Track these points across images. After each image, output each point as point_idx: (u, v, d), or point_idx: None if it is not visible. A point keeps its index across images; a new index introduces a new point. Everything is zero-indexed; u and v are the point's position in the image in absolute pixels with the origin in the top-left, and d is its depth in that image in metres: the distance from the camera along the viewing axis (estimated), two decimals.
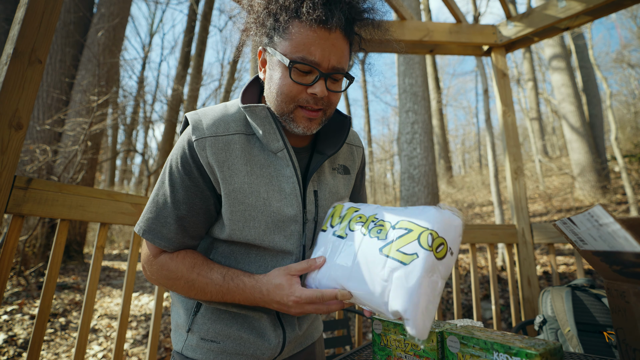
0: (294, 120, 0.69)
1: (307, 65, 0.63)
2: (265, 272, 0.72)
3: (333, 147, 0.76)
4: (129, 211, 1.30)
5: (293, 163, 0.71)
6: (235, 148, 0.68)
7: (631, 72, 15.62)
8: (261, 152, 0.71)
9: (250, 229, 0.69)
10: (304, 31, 0.62)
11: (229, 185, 0.67)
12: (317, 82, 0.64)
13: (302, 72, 0.65)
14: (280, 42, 0.65)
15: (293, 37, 0.63)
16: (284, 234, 0.71)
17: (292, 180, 0.71)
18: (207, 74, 17.51)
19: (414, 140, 5.05)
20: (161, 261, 0.70)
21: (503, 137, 2.19)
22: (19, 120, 1.03)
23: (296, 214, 0.71)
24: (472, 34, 2.23)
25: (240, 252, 0.73)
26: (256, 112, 0.69)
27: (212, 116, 0.70)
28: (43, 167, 4.44)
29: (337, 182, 0.81)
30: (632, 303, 0.55)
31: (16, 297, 3.31)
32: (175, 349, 0.77)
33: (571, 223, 0.61)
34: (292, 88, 0.65)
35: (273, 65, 0.67)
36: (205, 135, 0.67)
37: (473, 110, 28.80)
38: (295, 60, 0.63)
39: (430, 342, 0.61)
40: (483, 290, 3.67)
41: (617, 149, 6.65)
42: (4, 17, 4.88)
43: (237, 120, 0.72)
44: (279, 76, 0.66)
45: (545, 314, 1.38)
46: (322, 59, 0.63)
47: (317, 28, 0.62)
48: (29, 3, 1.06)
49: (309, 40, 0.62)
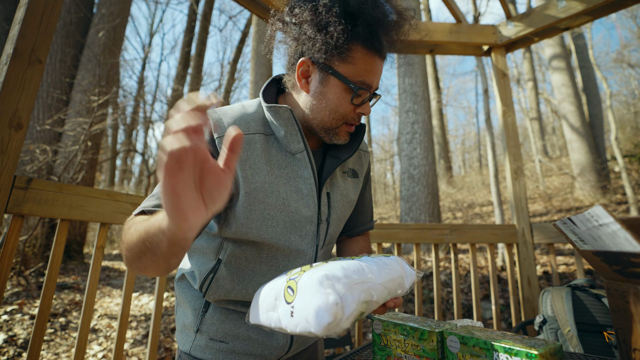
0: (337, 134, 0.73)
1: (365, 90, 0.69)
2: (277, 271, 0.73)
3: (347, 151, 0.78)
4: (129, 211, 1.30)
5: (312, 165, 0.73)
6: (255, 147, 0.69)
7: (631, 72, 15.62)
8: (279, 152, 0.73)
9: (267, 227, 0.70)
10: (366, 58, 0.67)
11: (250, 184, 0.68)
12: (365, 104, 0.71)
13: (359, 96, 0.69)
14: (340, 63, 0.67)
15: (356, 62, 0.67)
16: (300, 234, 0.73)
17: (309, 181, 0.73)
18: (207, 74, 17.51)
19: (414, 140, 5.05)
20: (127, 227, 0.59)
21: (503, 137, 2.19)
22: (19, 120, 1.03)
23: (312, 214, 0.73)
24: (472, 34, 2.23)
25: (251, 252, 0.73)
26: (280, 112, 0.71)
27: (231, 115, 0.71)
28: (43, 167, 4.44)
29: (347, 186, 0.83)
30: (632, 303, 0.55)
31: (16, 297, 3.31)
32: (183, 350, 0.76)
33: (571, 223, 0.61)
34: (347, 108, 0.70)
35: (326, 83, 0.69)
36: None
37: (473, 110, 28.80)
38: (358, 85, 0.68)
39: (430, 342, 0.61)
40: (483, 290, 3.67)
41: (617, 149, 6.65)
42: (4, 17, 4.88)
43: (256, 120, 0.73)
44: (335, 96, 0.69)
45: (545, 314, 1.38)
46: (373, 83, 0.70)
47: (376, 56, 0.68)
48: (29, 3, 1.06)
49: (369, 67, 0.68)
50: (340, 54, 0.66)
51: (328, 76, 0.69)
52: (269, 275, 0.74)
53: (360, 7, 0.64)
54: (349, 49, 0.66)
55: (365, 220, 0.96)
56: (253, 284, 0.73)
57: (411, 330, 0.64)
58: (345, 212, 0.84)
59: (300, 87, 0.72)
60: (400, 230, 1.89)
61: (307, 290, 0.48)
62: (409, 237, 1.89)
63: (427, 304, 3.48)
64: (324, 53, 0.67)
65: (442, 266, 4.27)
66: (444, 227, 1.93)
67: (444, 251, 4.70)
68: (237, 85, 15.56)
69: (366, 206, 0.96)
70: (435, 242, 1.89)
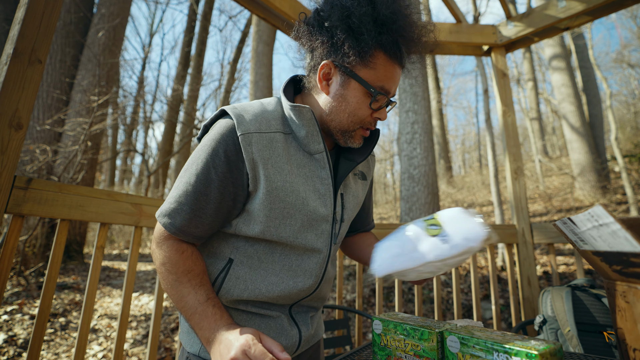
0: (353, 137, 0.76)
1: (385, 95, 0.72)
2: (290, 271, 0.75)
3: (362, 155, 0.82)
4: (129, 211, 1.30)
5: (329, 166, 0.76)
6: (277, 146, 0.71)
7: (631, 72, 15.61)
8: (297, 151, 0.74)
9: (286, 226, 0.72)
10: (387, 65, 0.70)
11: (272, 182, 0.69)
12: (383, 109, 0.75)
13: (377, 101, 0.72)
14: (362, 68, 0.70)
15: (378, 68, 0.70)
16: (316, 233, 0.75)
17: (327, 182, 0.75)
18: (207, 74, 17.50)
19: (414, 140, 5.05)
20: (168, 247, 0.71)
21: (503, 137, 2.19)
22: (19, 120, 1.03)
23: (328, 214, 0.76)
24: (472, 34, 2.23)
25: (264, 252, 0.74)
26: (303, 112, 0.72)
27: (252, 112, 0.72)
28: (43, 167, 4.44)
29: (358, 187, 0.86)
30: (632, 303, 0.55)
31: (16, 297, 3.31)
32: (191, 352, 0.75)
33: (571, 223, 0.61)
34: (365, 112, 0.73)
35: (347, 86, 0.72)
36: (250, 131, 0.68)
37: (473, 110, 28.81)
38: (378, 90, 0.71)
39: (430, 342, 0.61)
40: (483, 290, 3.67)
41: (617, 149, 6.65)
42: (4, 17, 4.88)
43: (276, 119, 0.74)
44: (355, 99, 0.72)
45: (545, 314, 1.37)
46: (392, 90, 0.73)
47: (396, 65, 0.71)
48: (29, 3, 1.06)
49: (390, 74, 0.71)
50: (363, 59, 0.69)
51: (349, 79, 0.71)
52: (282, 275, 0.74)
53: (388, 17, 0.67)
54: (372, 55, 0.69)
55: (369, 220, 1.03)
56: (265, 283, 0.73)
57: (411, 330, 0.64)
58: (355, 212, 0.87)
59: (321, 89, 0.75)
60: None
61: (455, 219, 0.65)
62: None
63: (427, 304, 3.48)
64: (348, 57, 0.69)
65: None
66: None
67: None
68: (237, 85, 15.55)
69: (369, 207, 1.02)
70: None
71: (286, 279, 0.74)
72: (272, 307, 0.75)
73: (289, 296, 0.74)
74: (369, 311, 3.48)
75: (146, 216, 1.34)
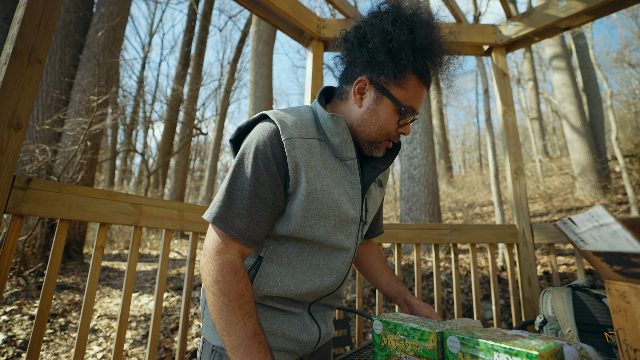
0: (378, 148, 0.83)
1: (412, 114, 0.79)
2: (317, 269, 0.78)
3: (385, 163, 0.89)
4: (129, 211, 1.29)
5: (359, 172, 0.82)
6: (315, 151, 0.76)
7: (632, 72, 15.61)
8: (330, 157, 0.80)
9: (320, 226, 0.76)
10: (417, 87, 0.78)
11: (312, 185, 0.74)
12: (408, 125, 0.82)
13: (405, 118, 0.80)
14: (395, 87, 0.77)
15: (409, 89, 0.77)
16: (346, 233, 0.80)
17: (357, 186, 0.82)
18: (207, 74, 17.51)
19: (414, 140, 5.05)
20: (222, 264, 0.70)
21: (503, 137, 2.19)
22: (18, 120, 1.02)
23: (357, 216, 0.82)
24: (472, 33, 2.23)
25: (293, 250, 0.78)
26: (339, 122, 0.79)
27: (292, 119, 0.77)
28: (42, 167, 4.44)
29: (377, 193, 0.93)
30: (632, 303, 0.55)
31: (15, 298, 3.31)
32: (218, 345, 0.77)
33: (572, 223, 0.61)
34: (393, 127, 0.80)
35: (380, 102, 0.79)
36: (293, 136, 0.73)
37: (473, 110, 28.80)
38: (407, 110, 0.78)
39: (431, 343, 0.61)
40: (483, 290, 3.66)
41: (618, 149, 6.64)
42: (4, 16, 4.88)
43: (312, 126, 0.80)
44: (386, 116, 0.79)
45: (545, 314, 1.37)
46: (418, 109, 0.80)
47: (425, 87, 0.79)
48: (28, 3, 1.06)
49: (418, 95, 0.79)
50: (398, 80, 0.76)
51: (382, 97, 0.78)
52: (309, 273, 0.78)
53: (426, 45, 0.74)
54: (405, 77, 0.76)
55: (380, 224, 1.10)
56: (294, 281, 0.76)
57: (411, 331, 0.64)
58: (373, 216, 0.94)
59: (355, 102, 0.81)
60: (400, 230, 1.89)
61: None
62: (409, 237, 1.88)
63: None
64: (384, 76, 0.77)
65: (442, 266, 4.27)
66: (444, 227, 1.93)
67: (444, 251, 4.70)
68: (237, 85, 15.55)
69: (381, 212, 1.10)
70: (435, 242, 1.89)
71: (313, 277, 0.78)
72: (295, 304, 0.78)
73: (314, 294, 0.79)
74: (369, 311, 3.48)
75: (146, 216, 1.34)
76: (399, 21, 0.75)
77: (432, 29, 0.76)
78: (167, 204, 1.43)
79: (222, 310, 0.68)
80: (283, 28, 2.05)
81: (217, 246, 0.71)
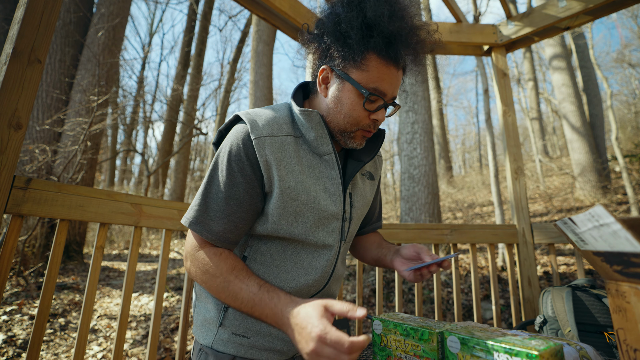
0: (353, 138, 0.79)
1: (378, 96, 0.73)
2: (301, 268, 0.78)
3: (368, 155, 0.86)
4: (129, 211, 1.29)
5: (338, 166, 0.79)
6: (288, 148, 0.75)
7: (632, 72, 15.61)
8: (307, 153, 0.78)
9: (299, 224, 0.75)
10: (380, 66, 0.71)
11: (285, 182, 0.73)
12: (380, 111, 0.76)
13: (371, 102, 0.74)
14: (354, 70, 0.72)
15: (370, 69, 0.71)
16: (327, 230, 0.79)
17: (336, 181, 0.79)
18: (207, 74, 17.51)
19: (414, 140, 5.05)
20: (204, 254, 0.72)
21: (503, 137, 2.19)
22: (18, 120, 1.02)
23: (338, 212, 0.79)
24: (472, 33, 2.23)
25: (276, 249, 0.78)
26: (311, 116, 0.76)
27: (264, 117, 0.76)
28: (42, 167, 4.44)
29: (366, 187, 0.90)
30: (632, 303, 0.55)
31: (15, 298, 3.31)
32: (204, 344, 0.78)
33: (572, 223, 0.61)
34: (361, 114, 0.75)
35: (342, 89, 0.75)
36: (263, 135, 0.72)
37: (473, 110, 28.82)
38: (371, 92, 0.72)
39: (431, 343, 0.61)
40: (483, 290, 3.66)
41: (618, 149, 6.64)
42: (4, 16, 4.88)
43: (287, 123, 0.78)
44: (350, 102, 0.74)
45: (545, 314, 1.37)
46: (388, 91, 0.74)
47: (391, 65, 0.72)
48: (28, 3, 1.06)
49: (383, 75, 0.72)
50: (355, 62, 0.71)
51: (344, 82, 0.75)
52: (293, 272, 0.77)
53: (376, 19, 0.69)
54: (364, 58, 0.71)
55: (377, 219, 1.06)
56: (278, 280, 0.76)
57: (411, 331, 0.64)
58: (363, 212, 0.90)
59: (321, 92, 0.79)
60: (400, 230, 1.89)
61: None
62: (409, 237, 1.88)
63: (427, 304, 3.48)
64: (342, 61, 0.73)
65: None
66: (444, 227, 1.93)
67: (444, 251, 4.70)
68: (237, 85, 15.55)
69: (377, 206, 1.05)
70: (435, 242, 1.89)
71: (297, 276, 0.77)
72: None
73: (299, 293, 0.78)
74: (369, 311, 3.48)
75: (146, 216, 1.34)
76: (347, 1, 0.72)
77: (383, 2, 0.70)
78: (167, 204, 1.43)
79: (223, 289, 0.69)
80: (283, 28, 2.04)
81: (195, 246, 0.74)
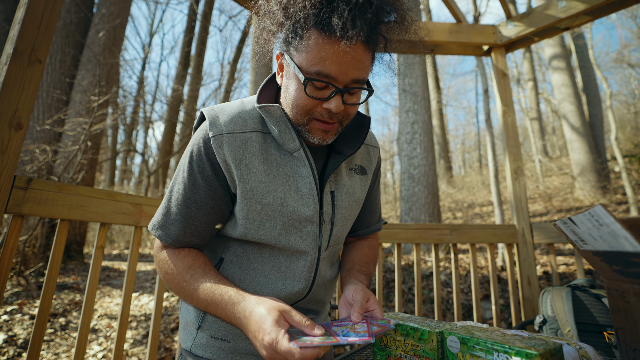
0: (310, 132, 0.67)
1: (322, 81, 0.60)
2: (279, 272, 0.72)
3: (351, 147, 0.74)
4: (129, 211, 1.29)
5: (310, 163, 0.70)
6: (252, 146, 0.67)
7: (631, 72, 15.61)
8: (277, 151, 0.70)
9: (266, 228, 0.69)
10: (321, 43, 0.58)
11: (246, 184, 0.66)
12: (332, 98, 0.62)
13: (318, 87, 0.62)
14: (296, 52, 0.61)
15: (309, 49, 0.59)
16: (300, 235, 0.70)
17: (309, 180, 0.70)
18: (207, 74, 17.51)
19: (414, 140, 5.05)
20: (164, 255, 0.71)
21: (503, 137, 2.19)
22: (18, 120, 1.03)
23: (313, 214, 0.70)
24: (472, 34, 2.23)
25: (253, 252, 0.73)
26: (271, 111, 0.68)
27: (229, 112, 0.69)
28: (43, 167, 4.44)
29: (354, 183, 0.79)
30: (632, 303, 0.55)
31: (16, 297, 3.31)
32: (184, 347, 0.76)
33: (571, 223, 0.61)
34: (307, 102, 0.63)
35: (289, 75, 0.65)
36: (222, 132, 0.66)
37: (473, 110, 28.82)
38: (310, 76, 0.59)
39: (430, 342, 0.61)
40: (483, 290, 3.67)
41: (617, 149, 6.64)
42: (4, 17, 4.88)
43: (254, 118, 0.70)
44: (294, 88, 0.64)
45: (545, 314, 1.37)
46: (338, 73, 0.59)
47: (337, 40, 0.57)
48: (28, 3, 1.06)
49: (325, 54, 0.58)
50: (298, 43, 0.60)
51: (289, 67, 0.64)
52: (271, 276, 0.72)
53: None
54: (303, 37, 0.59)
55: (372, 220, 0.91)
56: (254, 284, 0.73)
57: (411, 331, 0.64)
58: (352, 211, 0.79)
59: (280, 83, 0.70)
60: (400, 230, 1.89)
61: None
62: (409, 237, 1.89)
63: (427, 304, 3.48)
64: (287, 43, 0.62)
65: (442, 266, 4.27)
66: (444, 227, 1.93)
67: (444, 251, 4.70)
68: (237, 85, 15.56)
69: (374, 205, 0.91)
70: (435, 242, 1.89)
71: (275, 280, 0.72)
72: None
73: (282, 299, 0.71)
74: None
75: (146, 216, 1.34)
76: None
77: None
78: None
79: (182, 289, 0.66)
80: None
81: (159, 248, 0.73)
